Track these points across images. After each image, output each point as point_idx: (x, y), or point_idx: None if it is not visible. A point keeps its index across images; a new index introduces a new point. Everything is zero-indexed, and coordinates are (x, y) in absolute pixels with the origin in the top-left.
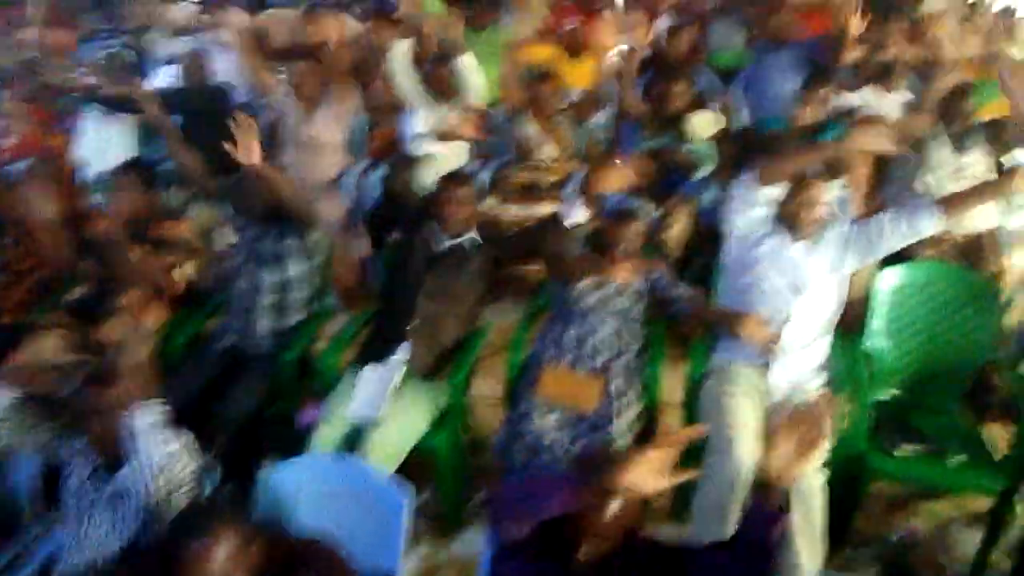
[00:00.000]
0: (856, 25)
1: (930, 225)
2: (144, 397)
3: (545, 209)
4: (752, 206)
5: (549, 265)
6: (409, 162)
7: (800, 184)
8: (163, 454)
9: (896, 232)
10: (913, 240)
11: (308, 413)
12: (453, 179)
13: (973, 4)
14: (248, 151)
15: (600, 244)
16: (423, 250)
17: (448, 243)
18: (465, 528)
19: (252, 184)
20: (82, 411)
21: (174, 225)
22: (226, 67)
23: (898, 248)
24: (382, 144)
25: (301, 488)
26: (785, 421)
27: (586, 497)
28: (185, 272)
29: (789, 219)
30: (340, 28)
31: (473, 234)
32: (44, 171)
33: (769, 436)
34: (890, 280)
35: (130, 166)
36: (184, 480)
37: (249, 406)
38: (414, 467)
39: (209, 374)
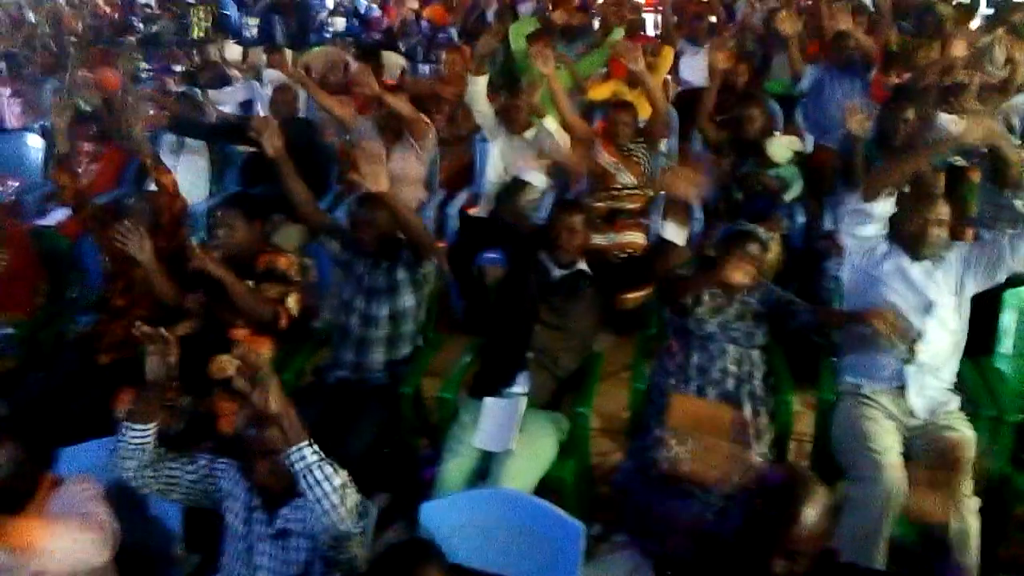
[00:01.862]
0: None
1: None
2: (301, 434)
3: (630, 236)
4: (862, 224)
5: (662, 291)
6: (519, 189)
7: (923, 202)
8: (331, 490)
9: (1018, 253)
10: None
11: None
12: (568, 207)
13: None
14: (376, 178)
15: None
16: (536, 279)
17: (560, 272)
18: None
19: (368, 214)
20: (247, 453)
21: (277, 258)
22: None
23: (1020, 270)
24: (450, 175)
25: (465, 523)
26: (925, 472)
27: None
28: (293, 306)
29: (910, 239)
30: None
31: (582, 263)
32: (143, 206)
33: (913, 479)
34: (1017, 301)
35: (235, 199)
36: (351, 516)
37: (369, 440)
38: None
39: (323, 408)
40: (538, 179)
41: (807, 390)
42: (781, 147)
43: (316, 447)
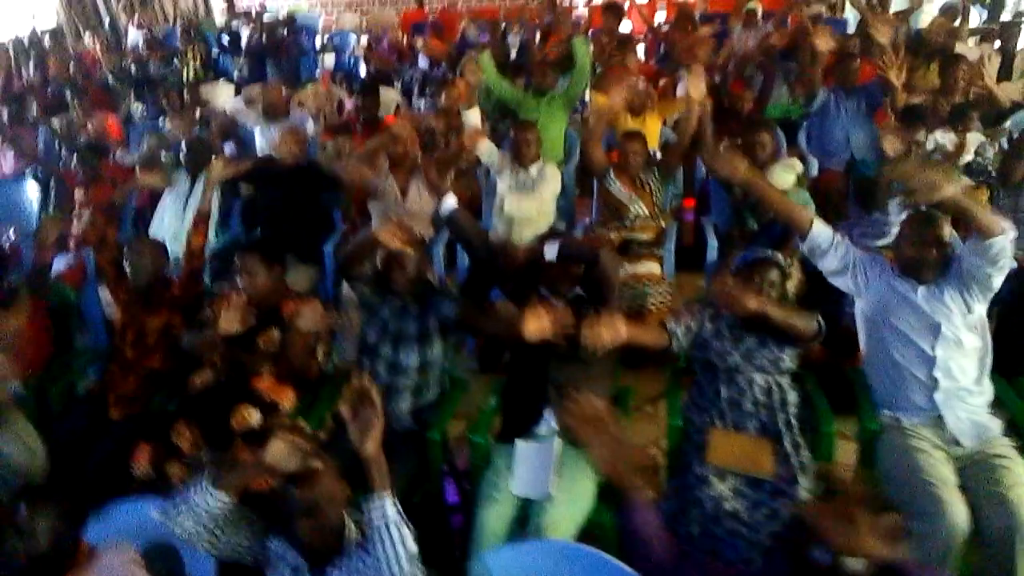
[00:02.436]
0: (897, 74)
1: None
2: (387, 484)
3: (645, 267)
4: (819, 256)
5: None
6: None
7: (921, 224)
8: (404, 556)
9: (987, 254)
10: None
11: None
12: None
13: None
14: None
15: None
16: None
17: (558, 303)
18: None
19: (406, 258)
20: (287, 512)
21: (302, 305)
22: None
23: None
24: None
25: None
26: None
27: None
28: (322, 355)
29: (910, 262)
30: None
31: (577, 289)
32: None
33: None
34: None
35: (254, 245)
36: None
37: (399, 488)
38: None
39: (349, 457)
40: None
41: (843, 418)
42: (783, 172)
43: (399, 505)
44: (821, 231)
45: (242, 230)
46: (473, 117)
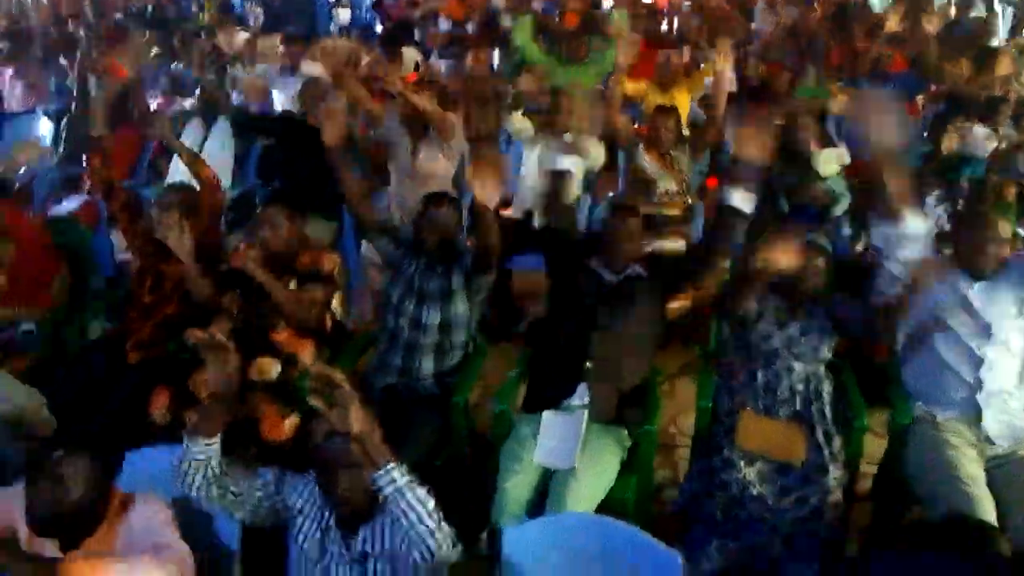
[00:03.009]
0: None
1: None
2: (386, 455)
3: (671, 243)
4: (901, 247)
5: (718, 302)
6: (561, 185)
7: (979, 220)
8: (426, 513)
9: None
10: None
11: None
12: (623, 211)
13: None
14: (491, 190)
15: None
16: (590, 286)
17: (614, 277)
18: None
19: (437, 214)
20: (327, 466)
21: (321, 258)
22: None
23: None
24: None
25: (551, 548)
26: None
27: None
28: (337, 308)
29: (967, 259)
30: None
31: (637, 267)
32: (177, 198)
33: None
34: None
35: (275, 196)
36: (446, 539)
37: (423, 452)
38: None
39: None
40: (572, 163)
41: (874, 411)
42: (829, 160)
43: (403, 467)
44: (914, 217)
45: (258, 181)
46: (519, 120)
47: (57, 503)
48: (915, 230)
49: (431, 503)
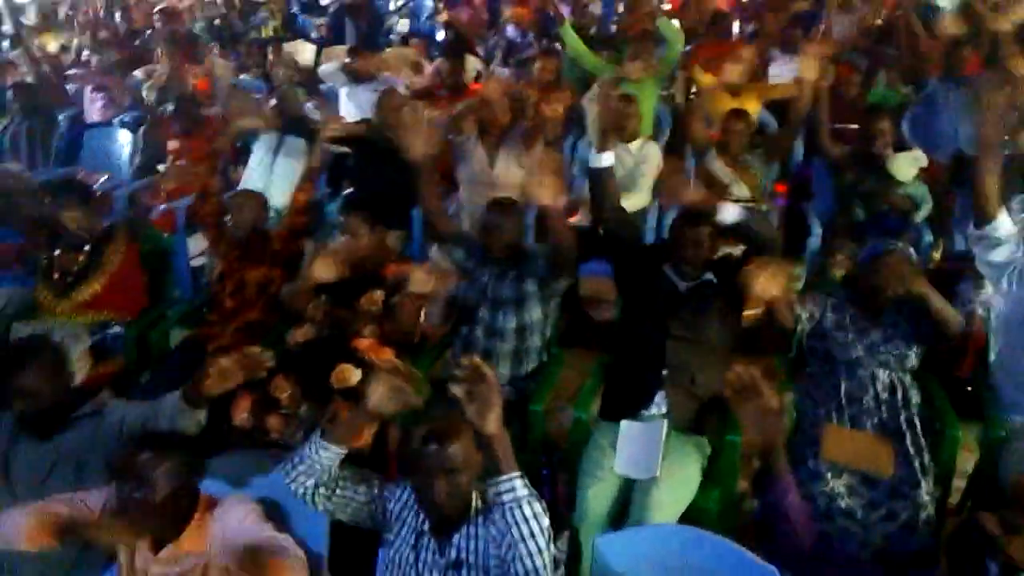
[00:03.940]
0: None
1: None
2: (513, 462)
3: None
4: (991, 249)
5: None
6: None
7: None
8: (539, 531)
9: None
10: None
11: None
12: (694, 219)
13: None
14: (552, 190)
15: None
16: (664, 294)
17: (687, 284)
18: None
19: (499, 221)
20: (424, 471)
21: (409, 270)
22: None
23: None
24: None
25: (642, 559)
26: None
27: None
28: (425, 320)
29: None
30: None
31: (709, 274)
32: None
33: None
34: None
35: (354, 204)
36: (551, 563)
37: None
38: None
39: None
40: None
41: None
42: (906, 164)
43: (527, 480)
44: (1005, 219)
45: (328, 190)
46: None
47: (144, 503)
48: (1007, 232)
49: (546, 521)
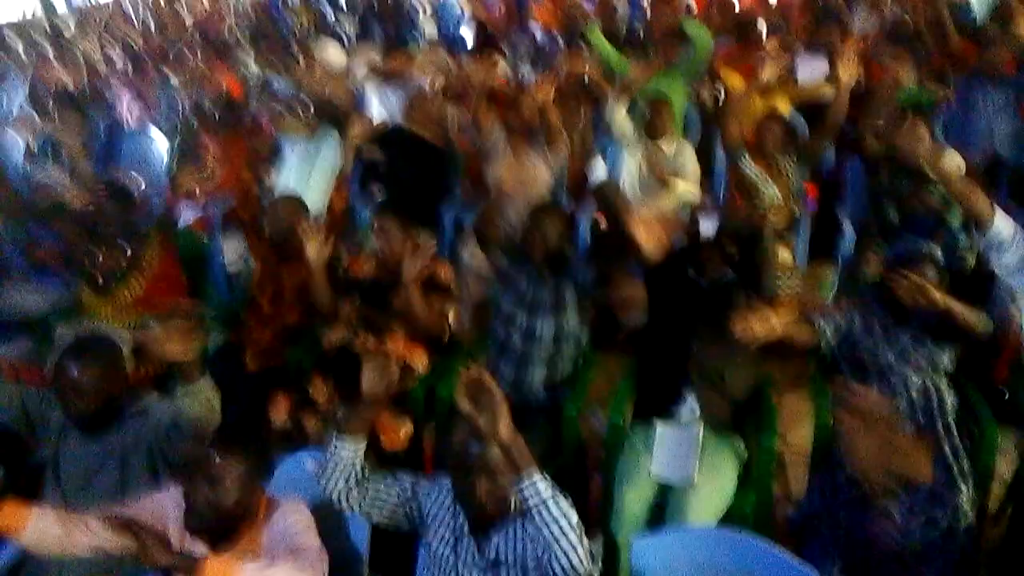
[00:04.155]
0: None
1: None
2: (532, 464)
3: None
4: (998, 252)
5: None
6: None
7: None
8: (569, 528)
9: None
10: None
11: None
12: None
13: None
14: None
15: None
16: (687, 294)
17: (710, 284)
18: None
19: (539, 227)
20: (465, 471)
21: (437, 268)
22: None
23: None
24: (571, 184)
25: (681, 561)
26: None
27: None
28: (453, 318)
29: None
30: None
31: (728, 273)
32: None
33: None
34: None
35: (389, 207)
36: (587, 556)
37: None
38: None
39: None
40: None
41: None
42: (951, 158)
43: (549, 479)
44: (1003, 222)
45: (360, 191)
46: (621, 110)
47: (215, 504)
48: (1006, 232)
49: (574, 517)
